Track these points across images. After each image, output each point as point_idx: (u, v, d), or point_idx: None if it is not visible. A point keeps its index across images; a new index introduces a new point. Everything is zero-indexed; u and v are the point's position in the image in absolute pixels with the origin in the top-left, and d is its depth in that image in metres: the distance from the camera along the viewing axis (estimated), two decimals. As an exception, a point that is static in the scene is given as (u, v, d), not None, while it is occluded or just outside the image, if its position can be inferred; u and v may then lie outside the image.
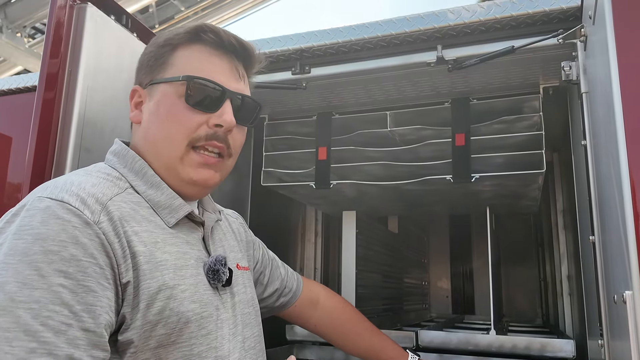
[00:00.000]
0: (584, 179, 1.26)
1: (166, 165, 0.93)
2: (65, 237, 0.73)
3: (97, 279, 0.75)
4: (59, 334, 0.69)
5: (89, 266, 0.74)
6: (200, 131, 0.92)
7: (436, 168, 1.65)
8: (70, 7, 1.20)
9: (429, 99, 1.75)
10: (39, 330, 0.67)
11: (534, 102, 1.61)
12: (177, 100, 0.92)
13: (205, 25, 0.96)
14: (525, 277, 2.96)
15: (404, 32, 1.43)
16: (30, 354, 0.66)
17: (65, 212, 0.75)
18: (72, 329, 0.70)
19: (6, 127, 1.78)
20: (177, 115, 0.92)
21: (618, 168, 0.83)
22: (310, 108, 1.87)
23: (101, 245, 0.77)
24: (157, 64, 0.97)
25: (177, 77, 0.93)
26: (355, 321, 1.39)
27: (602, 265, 1.09)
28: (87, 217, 0.77)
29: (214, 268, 0.92)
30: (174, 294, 0.84)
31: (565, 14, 1.30)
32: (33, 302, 0.68)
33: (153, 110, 0.95)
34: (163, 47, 0.97)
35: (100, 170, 0.92)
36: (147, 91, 0.97)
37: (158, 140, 0.93)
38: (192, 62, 0.95)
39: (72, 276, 0.72)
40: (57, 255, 0.72)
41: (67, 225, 0.74)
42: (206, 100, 0.92)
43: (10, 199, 1.69)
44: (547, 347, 1.61)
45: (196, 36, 0.95)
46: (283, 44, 1.56)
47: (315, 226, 2.50)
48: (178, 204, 0.93)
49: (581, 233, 1.51)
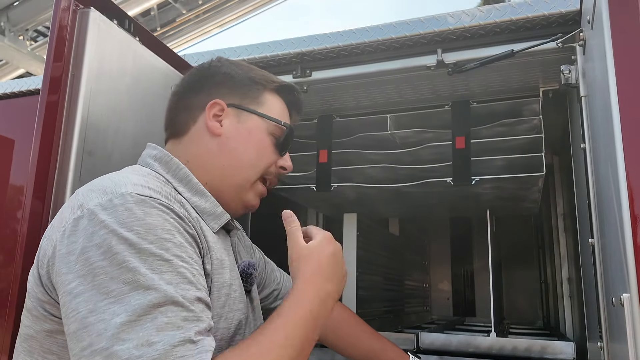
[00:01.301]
0: (583, 182, 1.27)
1: (238, 184, 1.02)
2: (170, 227, 0.79)
3: (199, 264, 0.82)
4: (195, 306, 0.75)
5: (192, 253, 0.81)
6: (272, 169, 1.07)
7: (436, 171, 1.65)
8: (73, 12, 1.21)
9: (429, 102, 1.76)
10: (184, 302, 0.73)
11: (533, 105, 1.62)
12: (267, 136, 1.05)
13: (295, 86, 1.14)
14: (525, 279, 2.97)
15: (404, 36, 1.44)
16: (184, 321, 0.72)
17: (159, 206, 0.80)
18: (201, 302, 0.77)
19: (9, 130, 1.79)
20: (265, 149, 1.05)
21: (616, 171, 0.83)
22: (311, 111, 1.88)
23: (192, 236, 0.84)
24: (250, 95, 1.06)
25: (278, 120, 1.06)
26: (353, 324, 1.39)
27: (601, 268, 1.09)
28: (178, 211, 0.83)
29: (247, 271, 1.00)
30: (230, 292, 0.92)
31: (565, 18, 1.31)
32: (167, 284, 0.73)
33: (244, 135, 1.03)
34: (257, 84, 1.07)
35: (149, 173, 0.95)
36: (231, 111, 1.04)
37: (243, 161, 1.02)
38: (278, 108, 1.08)
39: (186, 260, 0.78)
40: (171, 242, 0.78)
41: (167, 217, 0.80)
42: (284, 145, 1.08)
43: (13, 201, 1.70)
44: (547, 350, 1.62)
45: (289, 92, 1.11)
46: (284, 47, 1.57)
47: (316, 228, 2.50)
48: (220, 212, 1.00)
49: (581, 236, 1.51)
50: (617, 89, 0.85)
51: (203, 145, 1.02)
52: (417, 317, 2.82)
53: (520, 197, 1.90)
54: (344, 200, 2.01)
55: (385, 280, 2.36)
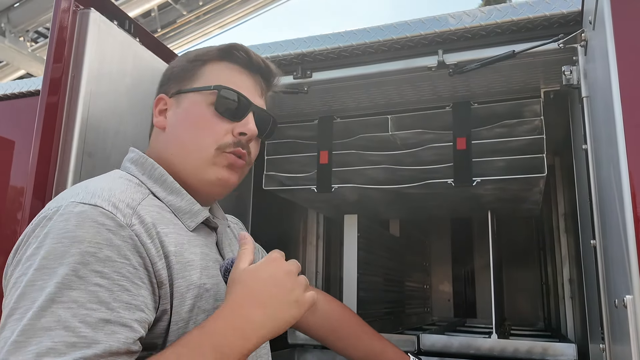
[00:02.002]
0: (585, 182, 1.26)
1: (194, 167, 0.98)
2: (101, 240, 0.77)
3: (130, 279, 0.78)
4: (97, 329, 0.72)
5: (123, 267, 0.78)
6: (227, 138, 0.99)
7: (437, 172, 1.65)
8: (73, 12, 1.21)
9: (430, 103, 1.75)
10: (78, 327, 0.71)
11: (535, 106, 1.61)
12: (207, 108, 0.99)
13: (237, 44, 1.04)
14: (526, 280, 2.96)
15: (405, 37, 1.44)
16: (70, 347, 0.69)
17: (99, 216, 0.79)
18: (110, 324, 0.73)
19: (9, 131, 1.79)
20: (207, 122, 0.99)
21: (618, 172, 0.83)
22: (312, 112, 1.88)
23: (134, 246, 0.81)
24: (187, 75, 1.03)
25: (208, 87, 1.00)
26: (354, 325, 1.39)
27: (603, 270, 1.09)
28: (120, 220, 0.80)
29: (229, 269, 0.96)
30: (201, 293, 0.90)
31: (566, 18, 1.30)
32: (72, 302, 0.72)
33: (181, 117, 1.01)
34: (194, 62, 1.04)
35: (121, 177, 0.95)
36: (173, 100, 1.03)
37: (187, 144, 0.99)
38: (221, 75, 1.02)
39: (107, 276, 0.76)
40: (94, 256, 0.75)
41: (102, 228, 0.78)
42: (233, 110, 1.00)
43: (13, 202, 1.70)
44: (548, 351, 1.61)
45: (228, 54, 1.03)
46: (285, 48, 1.57)
47: (316, 230, 2.50)
48: (197, 209, 0.98)
49: (582, 237, 1.51)
50: (619, 90, 0.84)
51: (158, 143, 1.03)
52: (418, 319, 2.82)
53: (521, 198, 1.89)
54: (345, 201, 2.00)
55: (385, 282, 2.36)
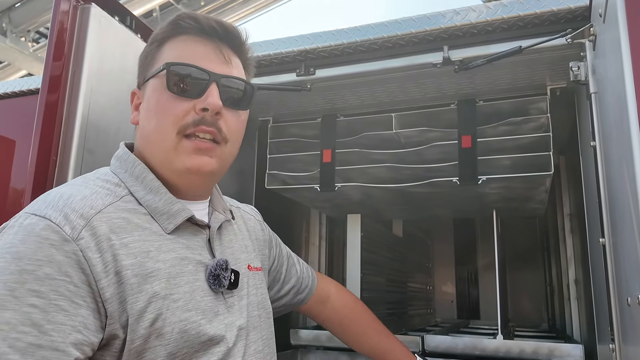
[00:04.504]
0: (592, 180, 1.24)
1: (161, 159, 0.92)
2: (42, 256, 0.73)
3: (70, 298, 0.74)
4: (26, 355, 0.68)
5: (62, 284, 0.74)
6: (187, 118, 0.89)
7: (442, 170, 1.63)
8: (73, 8, 1.20)
9: (434, 101, 1.74)
10: (7, 352, 0.67)
11: (541, 103, 1.59)
12: (163, 91, 0.91)
13: (183, 13, 0.95)
14: (531, 281, 2.94)
15: (409, 33, 1.42)
16: None
17: (44, 229, 0.75)
18: (41, 349, 0.70)
19: (9, 130, 1.77)
20: (163, 106, 0.91)
21: (632, 169, 0.81)
22: (315, 110, 1.86)
23: (77, 262, 0.76)
24: (148, 62, 0.97)
25: (158, 68, 0.93)
26: (363, 321, 1.38)
27: (612, 268, 1.07)
28: (66, 234, 0.76)
29: (214, 273, 0.92)
30: (166, 304, 0.83)
31: (574, 13, 1.29)
32: (4, 324, 0.69)
33: (145, 108, 0.95)
34: (150, 46, 0.98)
35: (99, 177, 0.91)
36: (142, 91, 0.98)
37: (150, 134, 0.92)
38: (174, 52, 0.94)
39: (44, 295, 0.72)
40: (32, 274, 0.72)
41: (44, 243, 0.74)
42: (189, 86, 0.90)
43: (13, 201, 1.68)
44: (555, 352, 1.59)
45: (177, 26, 0.95)
46: (287, 45, 1.55)
47: (319, 229, 2.48)
48: (177, 209, 0.91)
49: (590, 236, 1.49)
50: (633, 84, 0.82)
51: (136, 139, 0.98)
52: (421, 320, 2.79)
53: (527, 197, 1.87)
54: (348, 200, 1.98)
55: (389, 282, 2.34)
